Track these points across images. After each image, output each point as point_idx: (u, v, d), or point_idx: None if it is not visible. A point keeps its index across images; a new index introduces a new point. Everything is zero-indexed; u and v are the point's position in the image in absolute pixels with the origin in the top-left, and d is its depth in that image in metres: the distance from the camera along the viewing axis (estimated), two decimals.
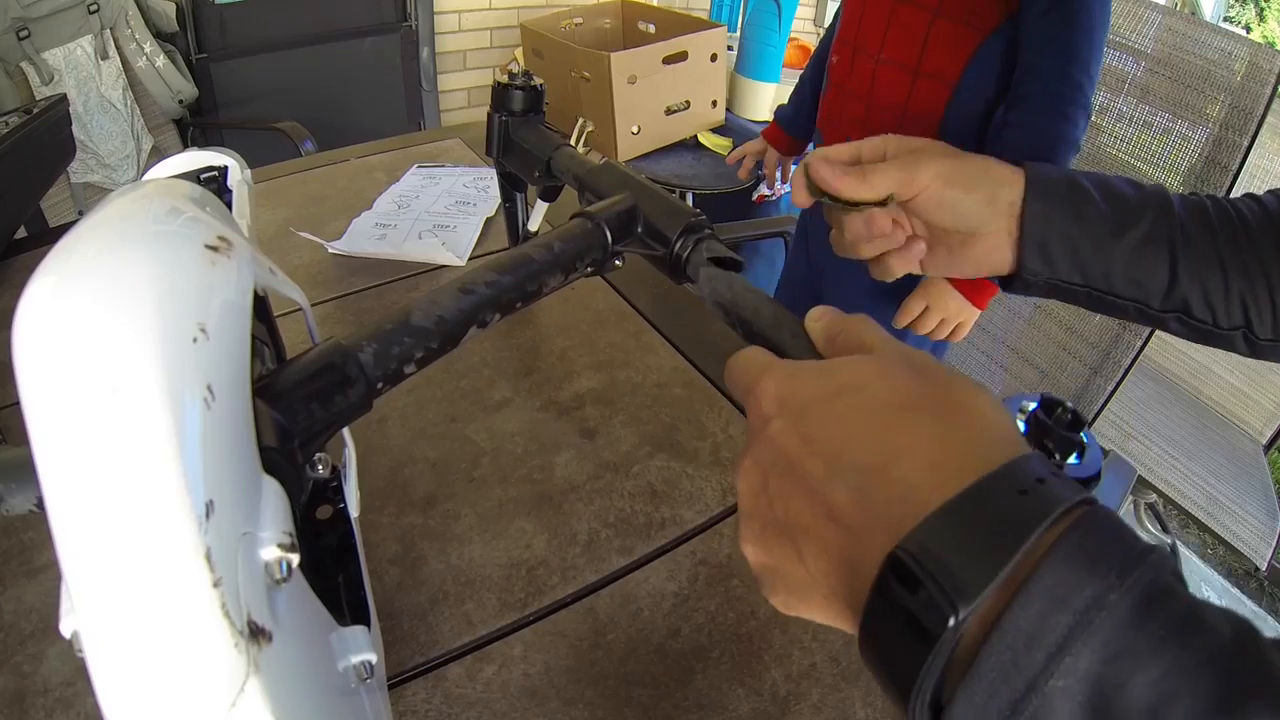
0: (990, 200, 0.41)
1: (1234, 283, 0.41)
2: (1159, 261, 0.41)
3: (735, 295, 0.35)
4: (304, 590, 0.24)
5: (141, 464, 0.17)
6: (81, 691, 0.41)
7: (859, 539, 0.22)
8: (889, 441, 0.23)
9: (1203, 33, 1.13)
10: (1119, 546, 0.19)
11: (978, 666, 0.19)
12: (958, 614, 0.19)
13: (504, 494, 0.55)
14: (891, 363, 0.25)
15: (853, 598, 0.22)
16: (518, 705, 0.42)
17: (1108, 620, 0.18)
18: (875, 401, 0.24)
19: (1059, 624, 0.18)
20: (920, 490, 0.21)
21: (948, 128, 0.95)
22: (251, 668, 0.18)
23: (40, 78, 1.47)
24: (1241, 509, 1.24)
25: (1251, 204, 0.42)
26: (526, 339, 0.71)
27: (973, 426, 0.23)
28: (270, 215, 0.88)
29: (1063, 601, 0.18)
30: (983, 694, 0.19)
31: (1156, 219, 0.41)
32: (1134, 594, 0.18)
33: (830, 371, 0.26)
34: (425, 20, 2.20)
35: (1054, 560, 0.19)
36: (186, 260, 0.21)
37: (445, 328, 0.31)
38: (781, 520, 0.25)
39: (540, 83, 0.56)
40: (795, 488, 0.24)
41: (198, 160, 0.43)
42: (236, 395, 0.21)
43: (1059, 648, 0.18)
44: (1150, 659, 0.17)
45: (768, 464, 0.25)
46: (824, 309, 0.31)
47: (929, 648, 0.19)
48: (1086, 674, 0.18)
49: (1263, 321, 0.41)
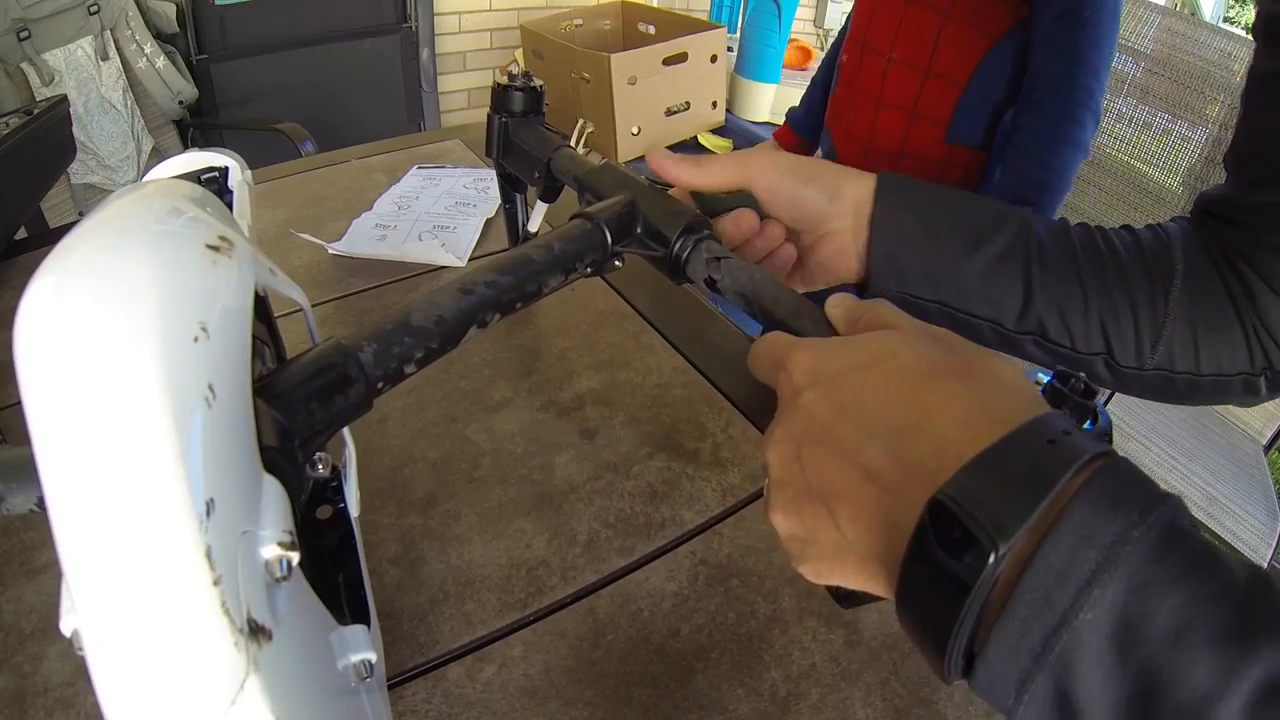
0: (831, 194, 0.40)
1: (1094, 306, 0.40)
2: (1014, 280, 0.40)
3: (756, 285, 0.35)
4: (304, 589, 0.24)
5: (142, 463, 0.17)
6: (81, 691, 0.41)
7: (897, 495, 0.23)
8: (920, 403, 0.24)
9: (1202, 33, 1.13)
10: (1140, 490, 0.20)
11: (1011, 605, 0.20)
12: (998, 550, 0.19)
13: (504, 494, 0.55)
14: (915, 335, 0.26)
15: (890, 556, 0.23)
16: (518, 705, 0.42)
17: (1133, 554, 0.19)
18: (905, 369, 0.25)
19: (1088, 559, 0.19)
20: (954, 444, 0.22)
21: (956, 129, 0.95)
22: (251, 666, 0.18)
23: (40, 78, 1.47)
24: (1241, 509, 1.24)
25: (1124, 234, 0.42)
26: (526, 339, 0.71)
27: (998, 387, 0.24)
28: (270, 216, 0.88)
29: (1090, 538, 0.19)
30: (1015, 632, 0.20)
31: (1014, 237, 0.40)
32: (1156, 531, 0.19)
33: (859, 344, 0.27)
34: (425, 21, 2.21)
35: (1081, 502, 0.20)
36: (187, 260, 0.21)
37: (445, 328, 0.31)
38: (815, 487, 0.26)
39: (540, 84, 0.56)
40: (829, 454, 0.25)
41: (198, 161, 0.43)
42: (237, 394, 0.21)
43: (1088, 581, 0.19)
44: (1171, 588, 0.18)
45: (800, 433, 0.26)
46: (842, 295, 0.31)
47: (966, 592, 0.20)
48: (1113, 605, 0.19)
49: (1124, 348, 0.40)
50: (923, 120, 0.96)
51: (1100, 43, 0.84)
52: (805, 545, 0.27)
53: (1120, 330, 0.40)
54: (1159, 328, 0.40)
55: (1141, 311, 0.40)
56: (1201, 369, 0.40)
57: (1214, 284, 0.40)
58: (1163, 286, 0.40)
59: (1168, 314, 0.40)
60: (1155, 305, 0.40)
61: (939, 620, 0.21)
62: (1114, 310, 0.40)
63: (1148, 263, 0.40)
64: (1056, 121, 0.86)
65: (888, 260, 0.40)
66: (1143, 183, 1.20)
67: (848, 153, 1.07)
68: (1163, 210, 1.18)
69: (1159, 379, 0.41)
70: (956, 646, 0.21)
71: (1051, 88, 0.86)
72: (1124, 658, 0.18)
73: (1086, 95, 0.85)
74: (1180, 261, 0.40)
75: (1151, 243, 0.41)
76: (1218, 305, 0.39)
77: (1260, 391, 0.41)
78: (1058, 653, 0.19)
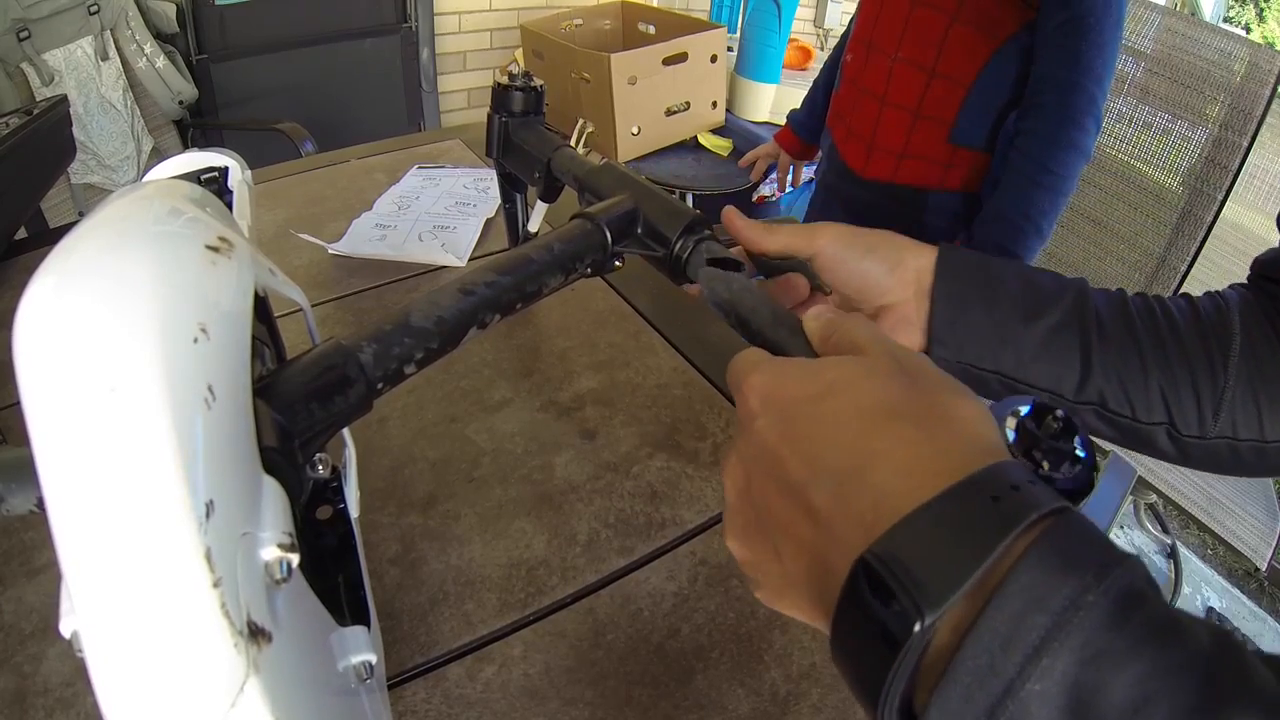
0: (893, 265, 0.40)
1: (1153, 375, 0.39)
2: (1071, 350, 0.40)
3: (734, 295, 0.35)
4: (304, 590, 0.24)
5: (142, 464, 0.17)
6: (81, 691, 0.41)
7: (834, 540, 0.22)
8: (867, 446, 0.23)
9: (1203, 33, 1.13)
10: (1095, 550, 0.19)
11: (952, 672, 0.18)
12: (924, 620, 0.18)
13: (504, 494, 0.55)
14: (879, 366, 0.25)
15: (825, 598, 0.22)
16: (518, 705, 0.42)
17: (1086, 620, 0.17)
18: (856, 406, 0.24)
19: (1036, 624, 0.18)
20: (892, 496, 0.21)
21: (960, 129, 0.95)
22: (251, 668, 0.18)
23: (40, 78, 1.47)
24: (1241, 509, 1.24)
25: (1181, 302, 0.42)
26: (526, 339, 0.71)
27: (952, 434, 0.23)
28: (270, 216, 0.88)
29: (1039, 602, 0.18)
30: (957, 700, 0.18)
31: (1070, 307, 0.40)
32: (1111, 595, 0.18)
33: (816, 372, 0.26)
34: (425, 21, 2.20)
35: (1029, 562, 0.18)
36: (187, 260, 0.21)
37: (445, 328, 0.31)
38: (763, 517, 0.25)
39: (540, 84, 0.56)
40: (776, 487, 0.25)
41: (198, 161, 0.43)
42: (237, 395, 0.21)
43: (1036, 649, 0.17)
44: (1130, 659, 0.17)
45: (751, 461, 0.26)
46: (823, 308, 0.31)
47: (895, 653, 0.19)
48: (1064, 676, 0.17)
49: (1186, 418, 0.40)
50: (927, 120, 0.96)
51: (1104, 50, 0.85)
52: (756, 572, 0.27)
53: (1180, 399, 0.39)
54: (1220, 395, 0.39)
55: (1201, 379, 0.39)
56: (1266, 435, 0.40)
57: (1275, 348, 0.39)
58: (1221, 353, 0.39)
59: (1228, 380, 0.39)
60: (1215, 372, 0.39)
61: (870, 676, 0.20)
62: (1173, 378, 0.39)
63: (1205, 329, 0.40)
64: (1059, 125, 0.87)
65: (949, 330, 0.40)
66: (1143, 183, 1.20)
67: (850, 151, 1.07)
68: (1163, 210, 1.18)
69: (1224, 448, 0.40)
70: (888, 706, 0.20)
71: (1054, 92, 0.87)
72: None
73: (1089, 101, 0.86)
74: (1239, 327, 0.40)
75: (1209, 309, 0.41)
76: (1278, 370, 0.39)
77: None
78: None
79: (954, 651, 0.18)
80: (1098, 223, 1.24)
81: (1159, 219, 1.17)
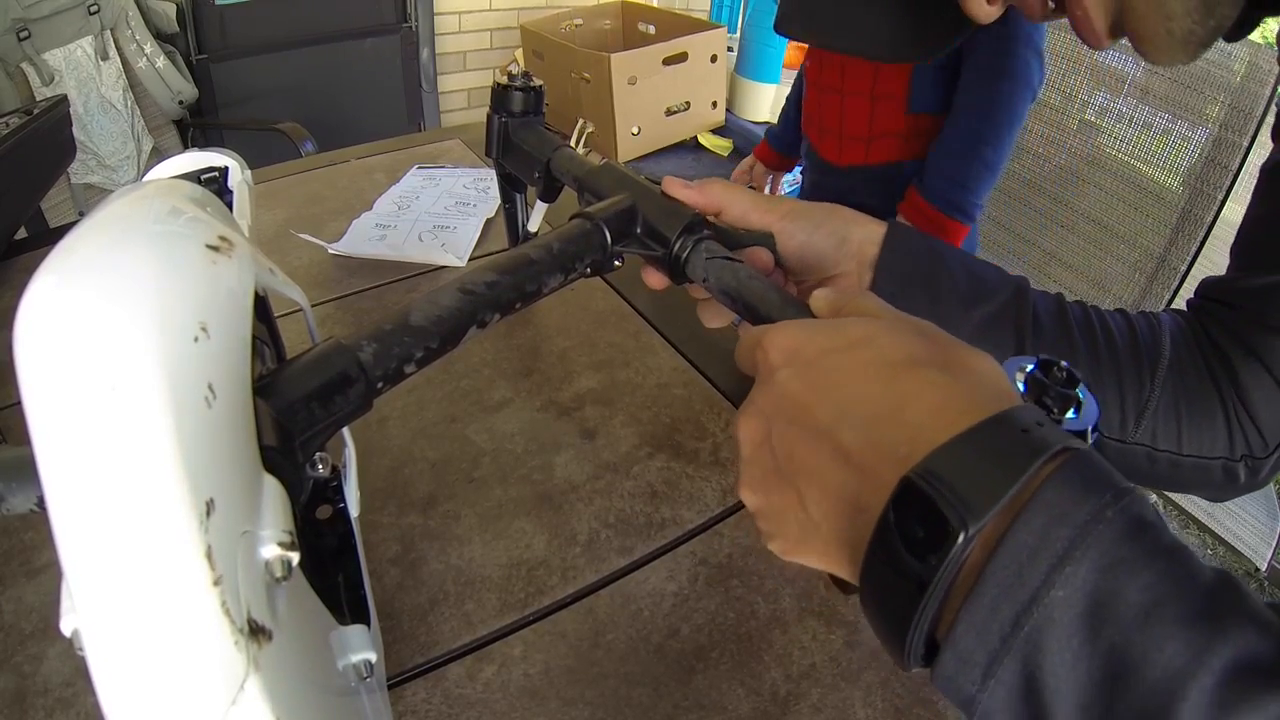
0: (840, 239, 0.41)
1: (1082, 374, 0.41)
2: (1005, 342, 0.41)
3: (741, 283, 0.35)
4: (304, 589, 0.24)
5: (142, 462, 0.17)
6: (81, 691, 0.41)
7: (867, 478, 0.23)
8: (897, 390, 0.24)
9: None
10: (1110, 478, 0.21)
11: (981, 584, 0.20)
12: (967, 530, 0.19)
13: (504, 494, 0.55)
14: (898, 324, 0.27)
15: (856, 539, 0.23)
16: (518, 705, 0.42)
17: (1105, 533, 0.19)
18: (882, 356, 0.25)
19: (1061, 536, 0.19)
20: (927, 430, 0.22)
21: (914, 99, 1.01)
22: (251, 666, 0.18)
23: (40, 78, 1.47)
24: (1241, 509, 1.24)
25: (1118, 316, 0.43)
26: (526, 339, 0.71)
27: (974, 380, 0.24)
28: (270, 216, 0.88)
29: (1064, 517, 0.19)
30: (985, 611, 0.20)
31: (1009, 300, 0.41)
32: (1128, 514, 0.20)
33: (839, 328, 0.27)
34: (425, 21, 2.21)
35: (1053, 484, 0.20)
36: (187, 260, 0.21)
37: (445, 328, 0.31)
38: (784, 466, 0.26)
39: (540, 84, 0.56)
40: (801, 433, 0.26)
41: (198, 161, 0.43)
42: (237, 394, 0.21)
43: (1060, 558, 0.19)
44: (1143, 569, 0.19)
45: (773, 410, 0.27)
46: (826, 290, 0.32)
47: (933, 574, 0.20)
48: (1085, 582, 0.19)
49: (1109, 420, 0.42)
50: (883, 99, 1.02)
51: None
52: (773, 523, 0.28)
53: (1105, 401, 0.41)
54: (1144, 403, 0.41)
55: (1128, 385, 0.41)
56: (1183, 449, 0.42)
57: (1200, 370, 0.41)
58: (1150, 367, 0.41)
59: (1153, 390, 0.41)
60: (1142, 382, 0.41)
61: (902, 604, 0.21)
62: (1101, 381, 0.41)
63: (1137, 343, 0.42)
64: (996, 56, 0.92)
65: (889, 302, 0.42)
66: (1143, 183, 1.20)
67: (825, 147, 1.13)
68: (1163, 210, 1.18)
69: (1141, 455, 0.42)
70: (919, 629, 0.21)
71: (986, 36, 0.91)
72: (1094, 636, 0.19)
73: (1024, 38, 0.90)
74: (1168, 347, 0.42)
75: (1143, 326, 0.43)
76: (1201, 390, 0.41)
77: (1239, 478, 0.42)
78: (1027, 631, 0.19)
79: (983, 566, 0.20)
80: (1098, 223, 1.24)
81: (1159, 219, 1.17)
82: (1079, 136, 1.25)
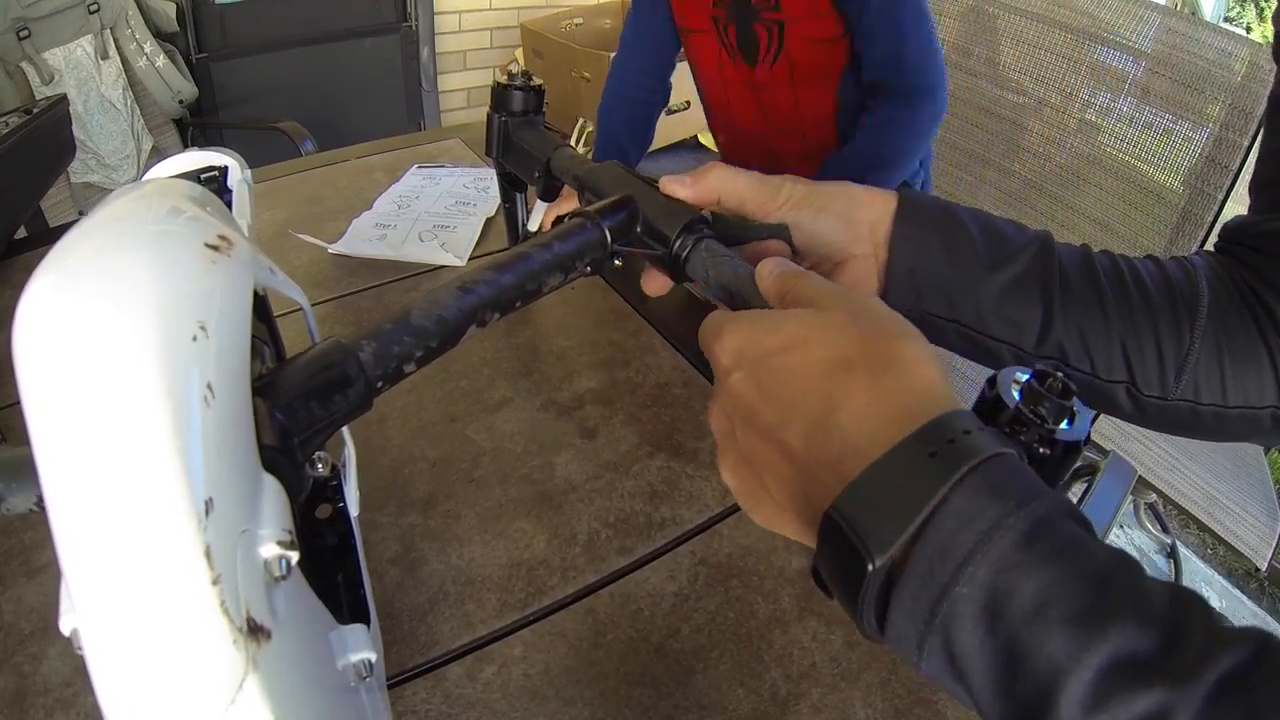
0: (847, 221, 0.40)
1: (1115, 331, 0.39)
2: (1032, 301, 0.39)
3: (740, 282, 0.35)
4: (303, 588, 0.24)
5: (141, 461, 0.17)
6: (81, 691, 0.41)
7: (810, 478, 0.26)
8: (827, 394, 0.26)
9: (1203, 33, 1.13)
10: (1021, 484, 0.23)
11: (904, 577, 0.23)
12: (874, 562, 0.23)
13: (504, 494, 0.55)
14: (832, 318, 0.28)
15: (810, 522, 0.26)
16: (518, 705, 0.42)
17: (1004, 538, 0.22)
18: (816, 358, 0.27)
19: (964, 541, 0.22)
20: (854, 439, 0.25)
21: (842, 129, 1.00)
22: (250, 665, 0.18)
23: (40, 78, 1.47)
24: (1241, 509, 1.24)
25: (1148, 263, 0.41)
26: (526, 339, 0.71)
27: (902, 379, 0.26)
28: (270, 215, 0.88)
29: (968, 523, 0.22)
30: (909, 600, 0.23)
31: (1034, 258, 0.39)
32: (1028, 520, 0.22)
33: (780, 325, 0.29)
34: (425, 20, 2.20)
35: (964, 489, 0.23)
36: (186, 259, 0.21)
37: (445, 327, 0.31)
38: (748, 457, 0.29)
39: (540, 83, 0.56)
40: (754, 433, 0.28)
41: (198, 160, 0.43)
42: (236, 393, 0.21)
43: (964, 560, 0.22)
44: (1035, 571, 0.21)
45: (731, 410, 0.29)
46: (775, 262, 0.33)
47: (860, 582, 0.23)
48: (984, 582, 0.21)
49: (1148, 376, 0.39)
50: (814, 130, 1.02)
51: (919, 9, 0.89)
52: (749, 501, 0.30)
53: (1144, 357, 0.39)
54: (1184, 356, 0.39)
55: (1166, 338, 0.39)
56: (1229, 401, 0.39)
57: (1242, 314, 0.39)
58: (1188, 314, 0.39)
59: (1193, 342, 0.38)
60: (1181, 333, 0.39)
61: (848, 594, 0.24)
62: (1137, 336, 0.39)
63: (1172, 291, 0.39)
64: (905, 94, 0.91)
65: (907, 276, 0.40)
66: (1143, 182, 1.20)
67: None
68: (1163, 210, 1.18)
69: (1185, 410, 0.40)
70: (864, 614, 0.24)
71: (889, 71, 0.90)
72: (992, 629, 0.21)
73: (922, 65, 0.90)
74: (1206, 291, 0.39)
75: (1176, 272, 0.40)
76: (1245, 336, 0.38)
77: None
78: (941, 620, 0.22)
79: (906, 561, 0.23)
80: (1098, 223, 1.24)
81: (1159, 219, 1.17)
82: (1079, 136, 1.25)
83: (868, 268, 0.40)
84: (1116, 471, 1.03)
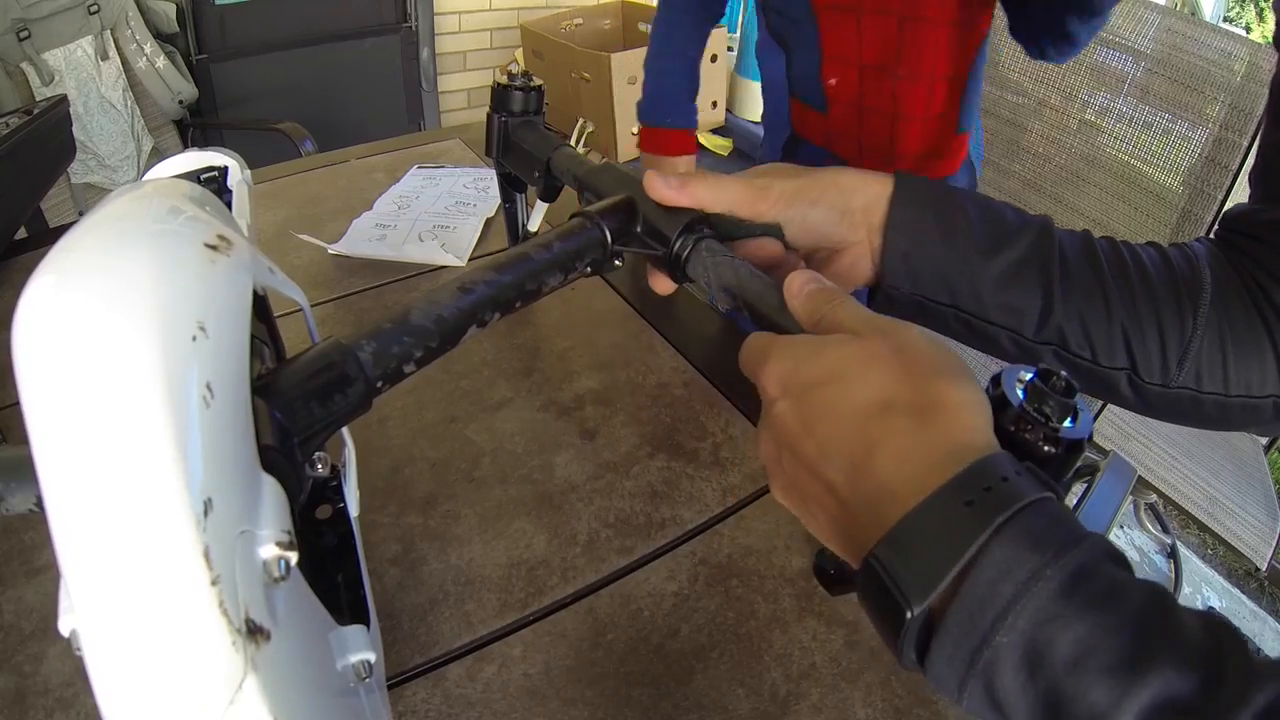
0: (841, 211, 0.39)
1: (1117, 317, 0.38)
2: (1032, 287, 0.38)
3: (741, 282, 0.35)
4: (303, 589, 0.24)
5: (140, 462, 0.17)
6: (81, 691, 0.41)
7: (852, 514, 0.26)
8: (867, 435, 0.26)
9: (1203, 33, 1.13)
10: (1059, 532, 0.23)
11: (945, 623, 0.23)
12: (912, 610, 0.23)
13: (504, 494, 0.55)
14: (874, 352, 0.28)
15: (856, 553, 0.27)
16: (518, 705, 0.42)
17: (1042, 590, 0.22)
18: (855, 395, 0.27)
19: (1004, 592, 0.22)
20: (892, 485, 0.25)
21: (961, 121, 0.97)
22: (249, 666, 0.18)
23: (40, 78, 1.47)
24: (1241, 509, 1.24)
25: (1150, 250, 0.40)
26: (526, 339, 0.71)
27: (943, 424, 0.26)
28: (270, 216, 0.88)
29: (1008, 574, 0.22)
30: (950, 645, 0.23)
31: (1034, 242, 0.38)
32: (1067, 570, 0.22)
33: (820, 355, 0.29)
34: (425, 21, 2.20)
35: (1003, 539, 0.23)
36: (186, 259, 0.21)
37: (445, 327, 0.31)
38: (795, 485, 0.30)
39: (540, 83, 0.56)
40: (799, 463, 0.29)
41: (198, 160, 0.43)
42: (236, 393, 0.21)
43: (1003, 610, 0.22)
44: (1075, 622, 0.21)
45: (778, 438, 0.29)
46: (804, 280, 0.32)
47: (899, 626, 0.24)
48: (1024, 632, 0.22)
49: (1149, 364, 0.39)
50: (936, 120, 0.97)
51: None
52: (804, 519, 0.31)
53: (1145, 344, 0.38)
54: (1186, 343, 0.38)
55: (1168, 325, 0.38)
56: (1231, 390, 0.39)
57: (1244, 302, 0.38)
58: (1191, 302, 0.38)
59: (1196, 329, 0.38)
60: (1183, 320, 0.38)
61: (888, 628, 0.24)
62: (1139, 323, 0.38)
63: (1175, 277, 0.39)
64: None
65: (903, 260, 0.39)
66: (1143, 182, 1.20)
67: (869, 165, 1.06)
68: (1163, 210, 1.18)
69: (1186, 398, 0.39)
70: (905, 651, 0.24)
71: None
72: (1033, 677, 0.22)
73: None
74: (1209, 279, 0.39)
75: (1179, 259, 0.40)
76: (1248, 324, 0.38)
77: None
78: (982, 665, 0.22)
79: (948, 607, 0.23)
80: (1098, 223, 1.24)
81: (1159, 219, 1.17)
82: (1079, 136, 1.25)
83: (862, 253, 0.40)
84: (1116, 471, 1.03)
